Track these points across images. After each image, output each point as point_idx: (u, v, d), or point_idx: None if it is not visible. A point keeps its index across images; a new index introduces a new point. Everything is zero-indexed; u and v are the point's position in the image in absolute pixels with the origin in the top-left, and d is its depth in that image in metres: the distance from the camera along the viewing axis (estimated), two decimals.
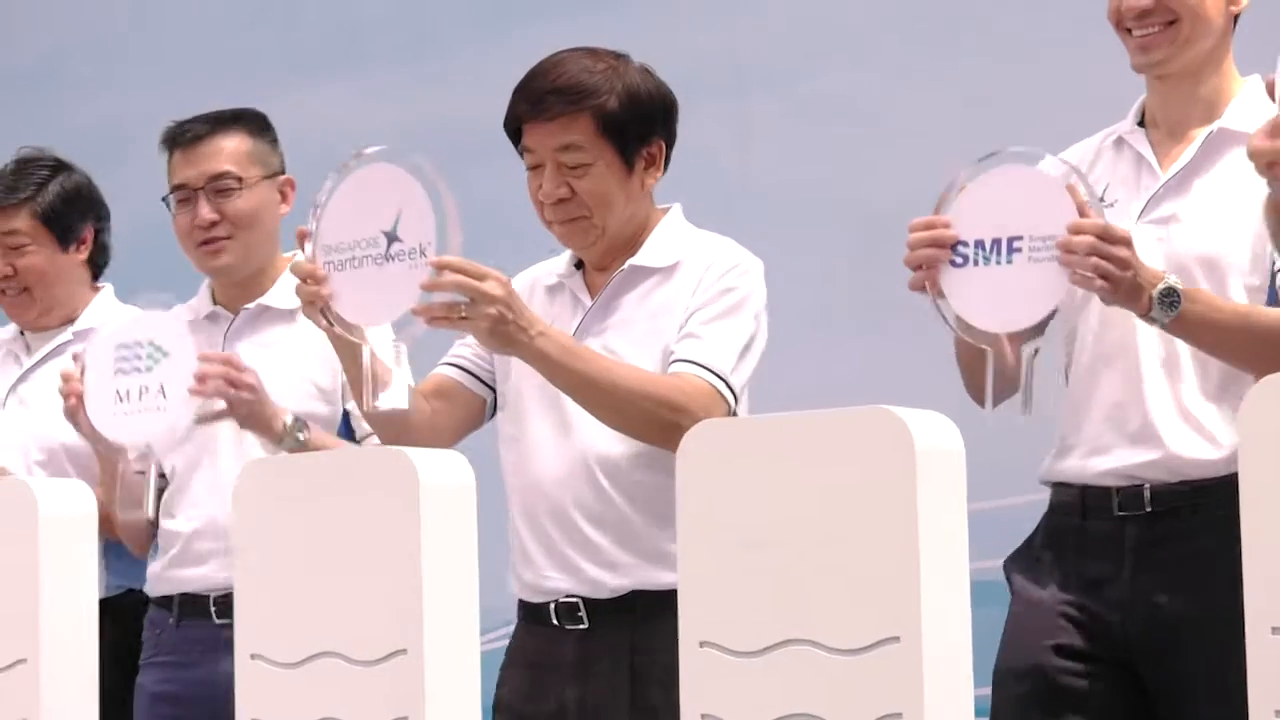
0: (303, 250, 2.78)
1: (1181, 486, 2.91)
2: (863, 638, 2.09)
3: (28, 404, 3.82)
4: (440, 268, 2.64)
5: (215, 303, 3.59)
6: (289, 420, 3.29)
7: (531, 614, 3.01)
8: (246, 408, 3.22)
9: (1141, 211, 2.93)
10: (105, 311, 3.84)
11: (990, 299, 2.62)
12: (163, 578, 3.56)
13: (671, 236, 3.10)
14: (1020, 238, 2.60)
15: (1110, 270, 2.60)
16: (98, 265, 3.92)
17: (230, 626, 3.24)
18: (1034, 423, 2.58)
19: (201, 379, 3.12)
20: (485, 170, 3.65)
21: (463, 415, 3.16)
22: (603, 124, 2.98)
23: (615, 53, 3.08)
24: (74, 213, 3.90)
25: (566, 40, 3.25)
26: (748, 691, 2.19)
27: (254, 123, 3.63)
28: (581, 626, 3.04)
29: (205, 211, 3.50)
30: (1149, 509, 2.91)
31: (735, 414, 2.96)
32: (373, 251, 2.67)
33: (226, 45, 5.39)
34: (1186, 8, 2.88)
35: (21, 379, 3.88)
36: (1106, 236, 2.60)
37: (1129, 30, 2.92)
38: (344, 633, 2.35)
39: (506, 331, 2.76)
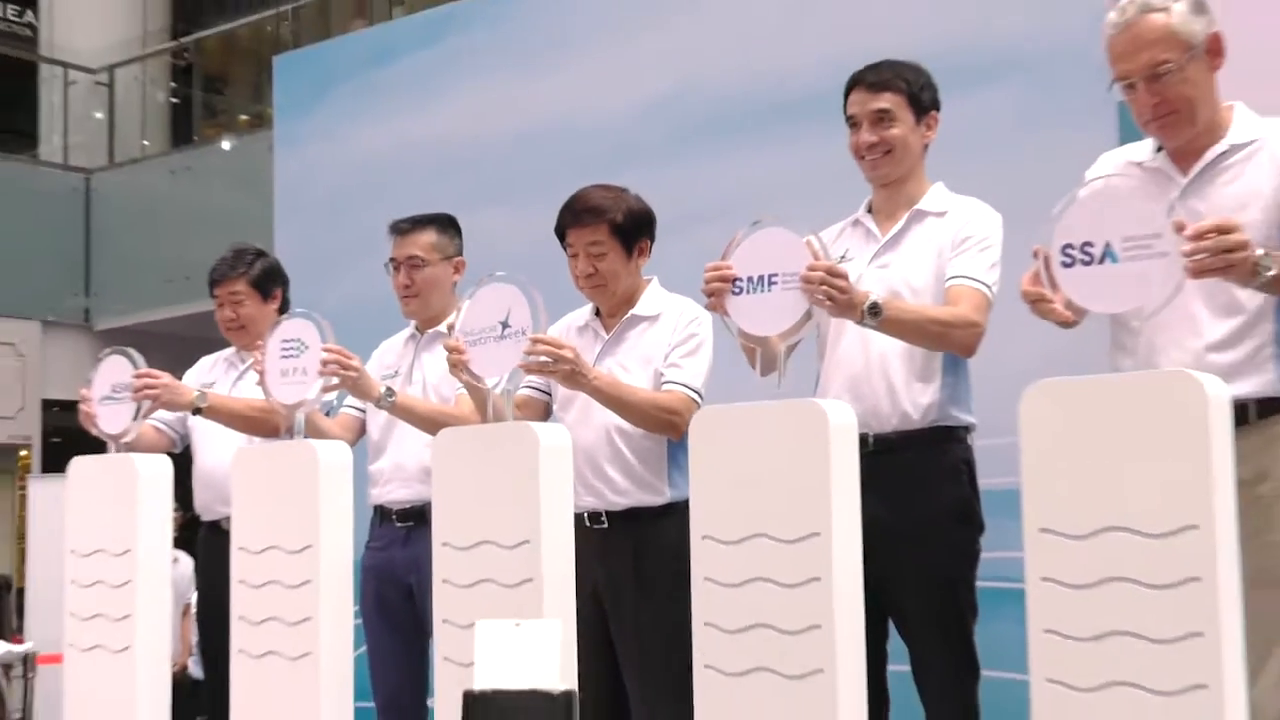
0: (449, 334, 3.58)
1: (893, 434, 3.63)
2: (797, 533, 2.78)
3: (242, 395, 4.96)
4: (536, 342, 3.45)
5: (416, 328, 4.69)
6: (383, 390, 4.18)
7: None
8: (352, 382, 4.02)
9: (870, 260, 3.74)
10: None
11: (758, 314, 3.17)
12: (372, 495, 4.58)
13: (655, 297, 4.10)
14: (776, 274, 3.17)
15: (834, 294, 3.17)
16: (281, 312, 5.06)
17: (407, 529, 4.43)
18: (787, 387, 3.08)
19: (324, 364, 3.90)
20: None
21: (538, 417, 4.07)
22: (613, 229, 4.00)
23: (620, 187, 4.07)
24: (271, 281, 5.18)
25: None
26: (729, 567, 2.87)
27: (442, 222, 4.68)
28: (603, 527, 3.92)
29: (402, 279, 4.63)
30: (871, 449, 3.50)
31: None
32: (493, 334, 3.46)
33: (429, 185, 6.64)
34: (897, 141, 3.73)
35: (239, 379, 5.09)
36: (832, 272, 3.17)
37: (863, 157, 3.76)
38: (493, 523, 3.12)
39: (575, 378, 3.70)
